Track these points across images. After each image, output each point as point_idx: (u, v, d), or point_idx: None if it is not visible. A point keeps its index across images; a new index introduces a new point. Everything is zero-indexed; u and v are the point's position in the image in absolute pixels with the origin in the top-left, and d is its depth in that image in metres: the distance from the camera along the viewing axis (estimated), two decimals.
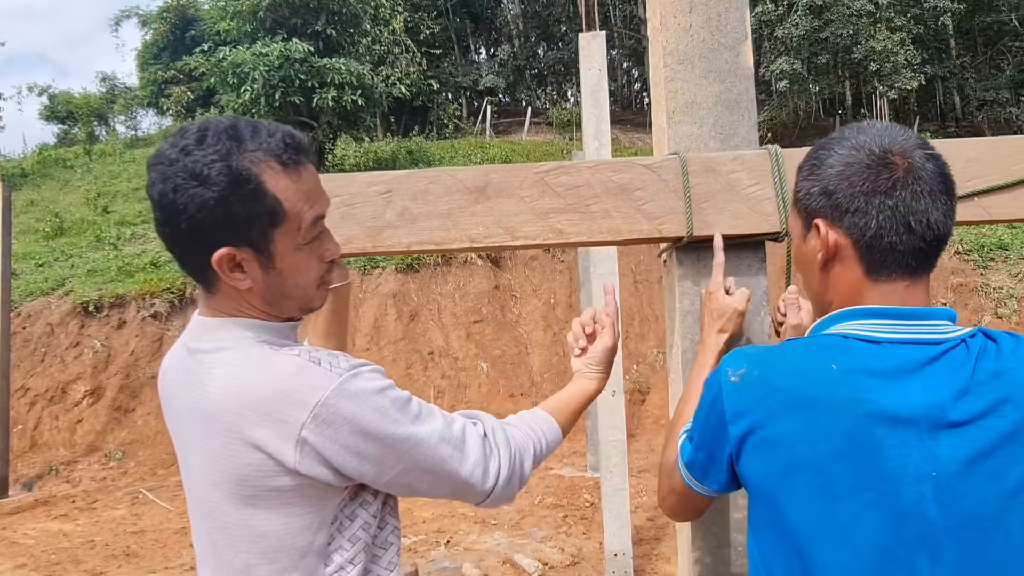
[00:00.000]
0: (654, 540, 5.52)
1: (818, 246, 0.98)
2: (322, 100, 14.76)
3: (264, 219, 0.96)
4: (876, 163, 0.93)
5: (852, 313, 0.96)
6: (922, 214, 0.91)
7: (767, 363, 0.95)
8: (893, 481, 0.86)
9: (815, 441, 0.88)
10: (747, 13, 1.42)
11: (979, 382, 0.88)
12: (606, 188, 1.35)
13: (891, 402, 0.87)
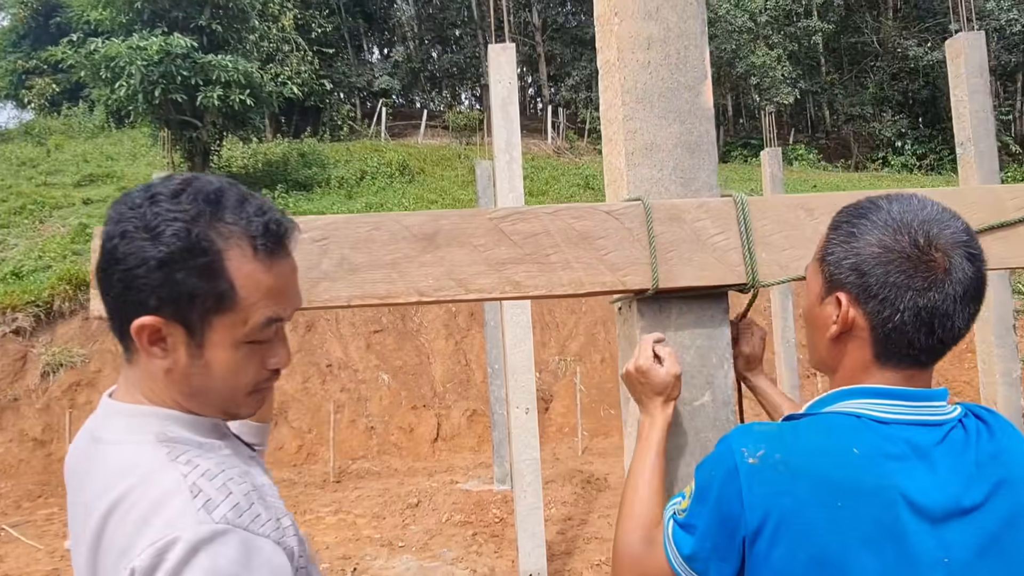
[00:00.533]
0: (565, 555, 5.50)
1: (834, 316, 0.95)
2: (207, 99, 13.97)
3: (208, 300, 0.83)
4: (917, 257, 0.89)
5: (857, 392, 0.93)
6: (947, 319, 0.89)
7: (786, 444, 0.89)
8: (916, 568, 0.84)
9: (842, 529, 0.84)
10: (707, 52, 1.36)
11: (981, 465, 0.90)
12: (566, 237, 1.25)
13: (911, 488, 0.86)
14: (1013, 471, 0.91)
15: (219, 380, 0.87)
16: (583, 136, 25.68)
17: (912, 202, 0.94)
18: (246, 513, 0.79)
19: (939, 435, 0.90)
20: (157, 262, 0.80)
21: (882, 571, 0.84)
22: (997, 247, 1.32)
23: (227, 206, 0.85)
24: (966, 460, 0.89)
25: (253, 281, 0.84)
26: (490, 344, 7.94)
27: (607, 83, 1.42)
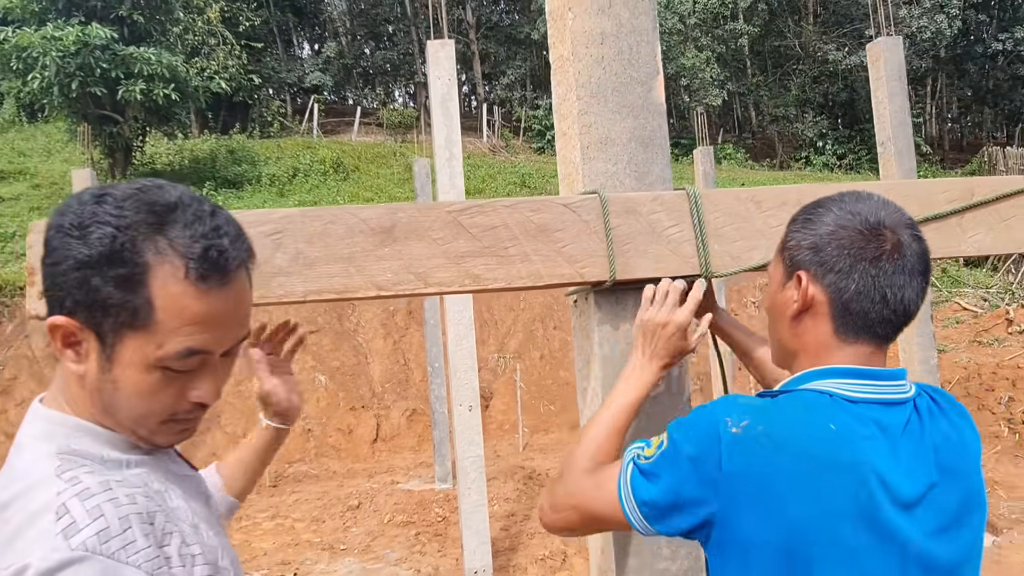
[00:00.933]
0: (510, 551, 5.52)
1: (795, 296, 1.01)
2: (129, 92, 13.40)
3: (122, 314, 0.78)
4: (868, 232, 0.97)
5: (826, 372, 0.98)
6: (898, 289, 0.97)
7: (769, 418, 0.93)
8: (888, 542, 0.90)
9: (820, 501, 0.89)
10: (658, 48, 1.39)
11: (938, 448, 0.97)
12: (524, 229, 1.26)
13: (882, 466, 0.91)
14: (964, 453, 0.99)
15: (127, 400, 0.82)
16: (519, 135, 25.79)
17: (862, 195, 1.03)
18: (115, 539, 0.74)
19: (902, 415, 0.96)
20: (76, 262, 0.77)
21: (856, 544, 0.88)
22: (930, 237, 1.38)
23: (175, 221, 0.79)
24: (925, 444, 0.96)
25: (177, 305, 0.78)
26: (430, 342, 7.88)
27: (560, 78, 1.44)
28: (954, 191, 1.40)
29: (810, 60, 25.48)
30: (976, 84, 26.22)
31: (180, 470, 0.94)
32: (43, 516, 0.73)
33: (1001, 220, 1.41)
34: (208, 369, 0.84)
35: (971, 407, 7.39)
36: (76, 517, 0.73)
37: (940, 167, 22.29)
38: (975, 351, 8.86)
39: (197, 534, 0.85)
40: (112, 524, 0.74)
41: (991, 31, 24.24)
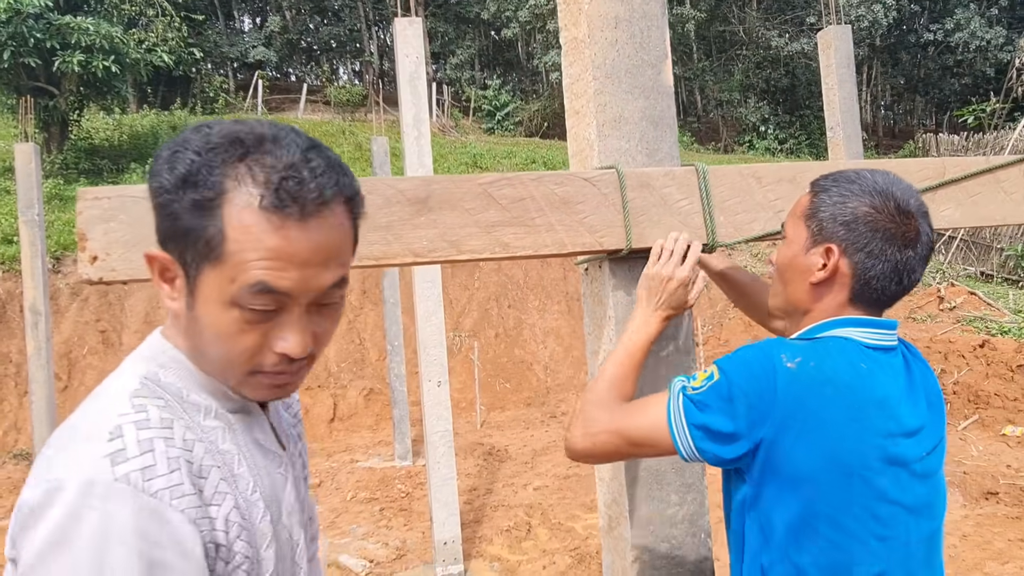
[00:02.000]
0: (475, 523, 5.64)
1: (819, 264, 1.12)
2: (65, 64, 12.84)
3: (199, 243, 0.74)
4: (901, 221, 1.09)
5: (843, 322, 1.12)
6: (913, 273, 1.11)
7: (818, 355, 1.06)
8: (906, 466, 1.07)
9: (859, 431, 1.03)
10: (667, 33, 1.48)
11: (926, 387, 1.16)
12: (549, 201, 1.34)
13: (898, 403, 1.08)
14: (935, 389, 1.18)
15: (210, 342, 0.78)
16: (468, 115, 25.67)
17: (892, 178, 1.13)
18: (160, 478, 0.70)
19: (899, 359, 1.13)
20: (162, 188, 0.75)
21: (884, 464, 1.04)
22: None
23: (262, 150, 0.74)
24: (917, 383, 1.13)
25: (250, 236, 0.72)
26: (389, 321, 7.90)
27: (574, 58, 1.52)
28: (928, 169, 1.55)
29: (754, 46, 26.04)
30: (909, 73, 27.27)
31: (268, 443, 0.89)
32: (95, 435, 0.71)
33: (968, 196, 1.56)
34: (292, 316, 0.77)
35: None
36: (127, 444, 0.70)
37: (875, 152, 23.16)
38: (910, 327, 9.36)
39: (251, 509, 0.80)
40: (159, 462, 0.71)
41: (923, 22, 25.23)
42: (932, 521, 1.11)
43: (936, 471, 1.12)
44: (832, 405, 1.03)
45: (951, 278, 11.37)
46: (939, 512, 1.13)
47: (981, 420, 6.69)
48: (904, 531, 1.06)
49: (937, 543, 1.12)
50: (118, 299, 9.98)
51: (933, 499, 1.11)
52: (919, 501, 1.08)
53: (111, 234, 1.16)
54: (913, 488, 1.07)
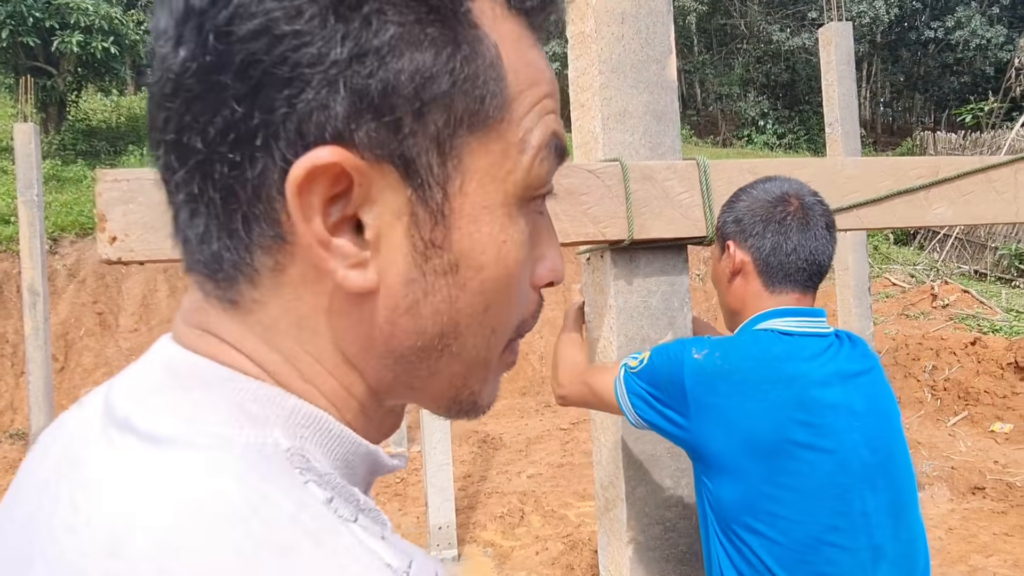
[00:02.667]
0: (469, 509, 5.70)
1: (728, 264, 1.27)
2: (64, 44, 12.78)
3: (456, 100, 0.36)
4: (775, 200, 1.23)
5: (767, 315, 1.23)
6: (806, 241, 1.21)
7: (725, 349, 1.17)
8: (837, 434, 1.11)
9: (770, 409, 1.10)
10: (672, 29, 1.52)
11: (859, 356, 1.23)
12: (555, 192, 1.38)
13: (816, 374, 1.15)
14: (875, 363, 1.25)
15: (483, 306, 0.40)
16: None
17: (772, 178, 1.29)
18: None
19: (827, 343, 1.20)
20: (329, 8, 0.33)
21: (812, 437, 1.10)
22: (902, 209, 1.58)
23: None
24: (844, 353, 1.21)
25: (523, 60, 0.40)
26: None
27: (580, 52, 1.55)
28: (922, 168, 1.59)
29: (755, 40, 26.01)
30: (909, 70, 27.27)
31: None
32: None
33: (961, 195, 1.60)
34: (546, 214, 0.47)
35: (898, 375, 7.90)
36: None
37: (873, 149, 23.20)
38: (903, 323, 9.43)
39: None
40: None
41: (924, 19, 25.21)
42: (892, 492, 1.14)
43: (887, 444, 1.16)
44: (739, 392, 1.11)
45: (945, 276, 11.45)
46: (900, 482, 1.16)
47: (970, 416, 6.77)
48: (859, 500, 1.10)
49: (906, 513, 1.16)
50: (115, 281, 9.99)
51: (887, 467, 1.15)
52: (867, 469, 1.12)
53: (130, 215, 1.19)
54: (863, 452, 1.12)
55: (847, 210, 1.54)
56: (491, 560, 4.80)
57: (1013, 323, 8.58)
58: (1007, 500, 5.22)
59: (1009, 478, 5.40)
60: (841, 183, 1.55)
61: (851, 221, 1.55)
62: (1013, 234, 11.73)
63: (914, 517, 1.17)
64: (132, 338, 9.49)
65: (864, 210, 1.55)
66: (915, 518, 1.18)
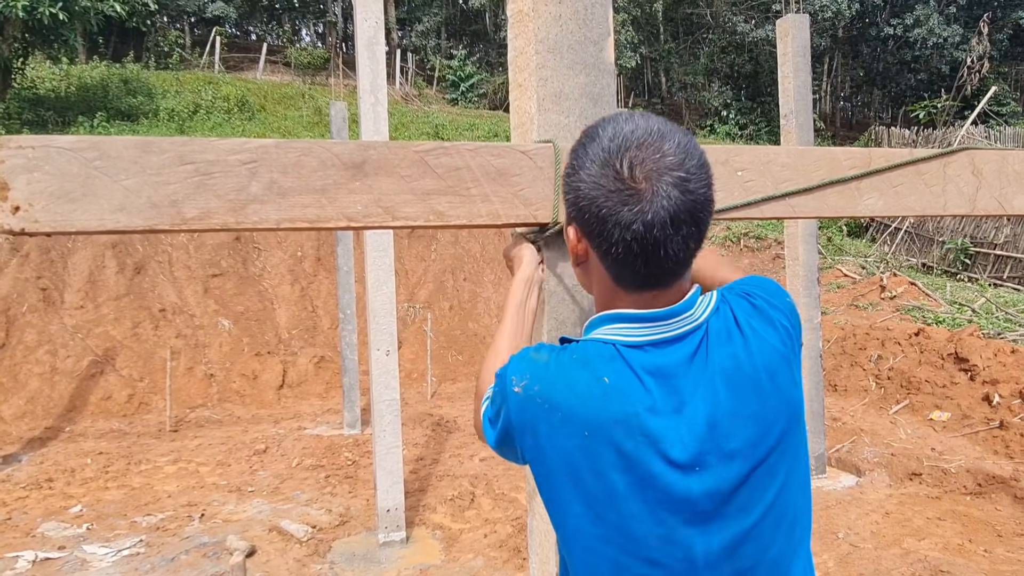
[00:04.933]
0: (419, 492, 5.70)
1: (571, 247, 1.04)
2: (8, 8, 12.27)
3: None
4: (620, 190, 0.92)
5: (611, 318, 1.01)
6: (659, 245, 0.93)
7: (545, 378, 0.97)
8: (666, 486, 0.93)
9: (592, 456, 0.94)
10: (610, 11, 1.50)
11: (726, 373, 0.97)
12: (486, 172, 1.36)
13: (651, 415, 0.94)
14: (758, 370, 0.98)
15: None
16: (432, 84, 25.35)
17: (624, 127, 0.96)
18: None
19: (687, 349, 0.97)
20: None
21: (634, 486, 0.93)
22: (834, 199, 1.59)
23: None
24: (710, 373, 0.96)
25: None
26: (342, 289, 7.85)
27: (518, 31, 1.52)
28: (855, 159, 1.61)
29: (719, 30, 26.19)
30: (868, 66, 27.77)
31: None
32: None
33: (892, 187, 1.62)
34: None
35: (845, 364, 8.10)
36: None
37: (831, 143, 23.62)
38: (852, 314, 9.66)
39: None
40: None
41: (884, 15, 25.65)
42: (730, 530, 0.95)
43: (751, 466, 0.96)
44: (561, 433, 0.95)
45: (894, 268, 11.74)
46: (750, 514, 0.96)
47: (911, 405, 6.97)
48: (680, 549, 0.94)
49: (752, 545, 0.96)
50: (60, 256, 9.69)
51: (727, 507, 0.95)
52: (698, 516, 0.94)
53: (35, 184, 1.14)
54: (695, 501, 0.94)
55: (780, 198, 1.54)
56: (439, 543, 4.81)
57: (955, 315, 8.85)
58: (941, 486, 5.41)
59: (944, 465, 5.59)
60: (776, 171, 1.55)
61: (784, 210, 1.55)
62: (960, 228, 12.07)
63: (767, 543, 0.98)
64: (78, 315, 9.24)
65: (797, 199, 1.56)
66: (769, 543, 0.98)
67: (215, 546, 4.67)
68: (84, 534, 4.99)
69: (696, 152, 0.96)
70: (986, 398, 6.37)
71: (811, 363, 5.77)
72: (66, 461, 6.68)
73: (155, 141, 1.21)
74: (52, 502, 5.67)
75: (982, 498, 5.15)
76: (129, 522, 5.21)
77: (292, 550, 4.66)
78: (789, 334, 1.04)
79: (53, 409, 8.29)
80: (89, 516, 5.33)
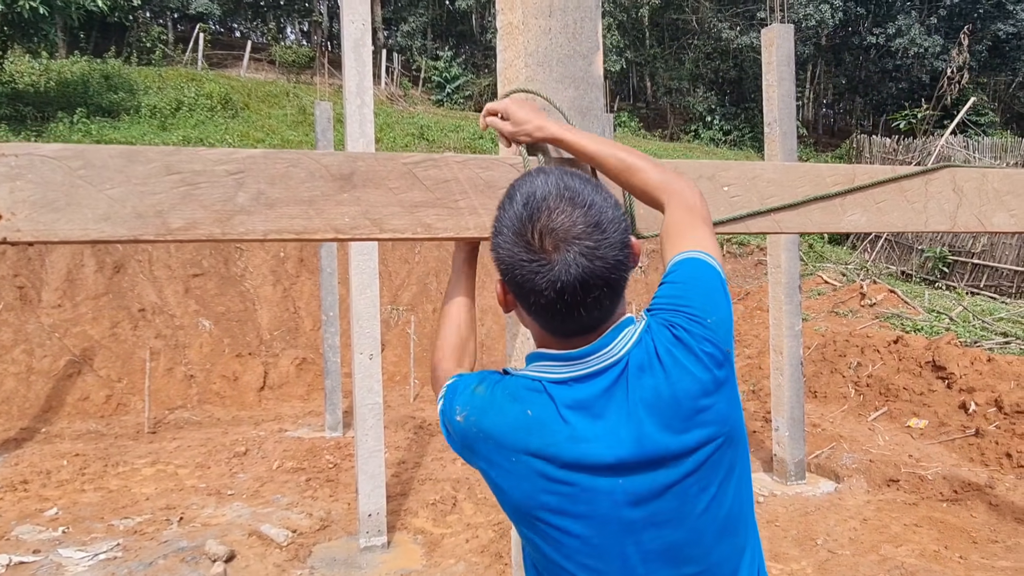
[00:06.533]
0: (401, 496, 5.68)
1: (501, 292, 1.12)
2: None
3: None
4: (532, 260, 0.99)
5: (540, 356, 1.08)
6: (572, 308, 1.00)
7: (482, 410, 1.07)
8: (590, 499, 1.01)
9: (520, 482, 1.04)
10: (599, 25, 1.51)
11: (647, 403, 1.01)
12: (474, 184, 1.36)
13: (572, 439, 1.01)
14: (680, 399, 1.01)
15: None
16: (417, 85, 25.29)
17: (538, 191, 1.03)
18: None
19: (604, 383, 1.02)
20: None
21: (563, 504, 1.01)
22: (818, 215, 1.61)
23: None
24: (632, 404, 1.01)
25: None
26: (325, 291, 7.81)
27: (508, 43, 1.53)
28: (839, 175, 1.62)
29: (705, 36, 26.37)
30: (851, 74, 28.08)
31: None
32: None
33: (875, 203, 1.64)
34: None
35: (825, 371, 8.18)
36: None
37: (814, 150, 23.85)
38: (832, 320, 9.75)
39: None
40: None
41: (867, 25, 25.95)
42: (666, 538, 1.01)
43: (661, 489, 1.01)
44: (494, 457, 1.05)
45: (874, 275, 11.87)
46: (684, 523, 1.02)
47: (890, 412, 7.05)
48: (617, 559, 1.01)
49: (694, 550, 1.03)
50: (38, 254, 9.55)
51: (659, 516, 1.01)
52: (628, 525, 1.01)
53: (17, 193, 1.13)
54: (621, 505, 1.01)
55: (765, 214, 1.56)
56: (421, 547, 4.79)
57: (933, 323, 8.96)
58: (919, 492, 5.47)
59: (921, 471, 5.66)
60: (762, 187, 1.57)
61: (769, 225, 1.57)
62: (938, 237, 12.23)
63: (709, 547, 1.04)
64: (55, 314, 9.12)
65: (782, 214, 1.57)
66: (711, 547, 1.04)
67: (194, 550, 4.62)
68: (60, 537, 4.92)
69: (607, 214, 1.01)
70: (962, 406, 6.46)
71: (791, 370, 5.82)
72: (42, 463, 6.58)
73: (141, 150, 1.20)
74: (27, 504, 5.59)
75: (958, 505, 5.22)
76: (106, 525, 5.14)
77: (272, 555, 4.62)
78: (715, 359, 1.05)
79: (29, 410, 8.17)
80: (65, 519, 5.26)
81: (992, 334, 8.32)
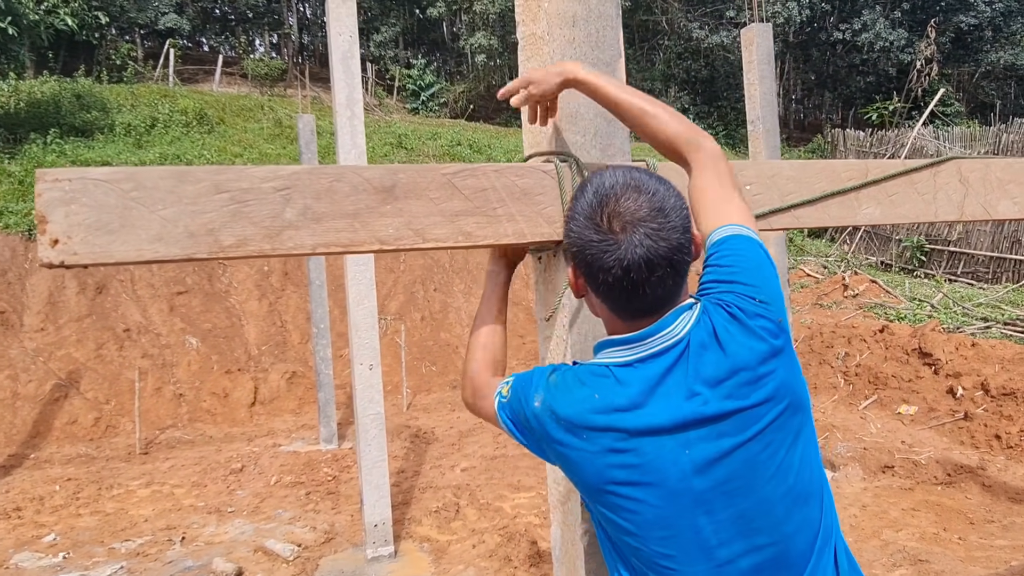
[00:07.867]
0: (404, 505, 5.67)
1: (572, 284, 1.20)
2: None
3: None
4: (600, 241, 1.09)
5: (607, 343, 1.17)
6: (637, 286, 1.08)
7: (555, 395, 1.15)
8: (659, 469, 1.07)
9: (591, 457, 1.11)
10: (620, 33, 1.55)
11: (707, 379, 1.07)
12: (510, 192, 1.39)
13: (640, 415, 1.08)
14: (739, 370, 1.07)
15: None
16: (392, 93, 25.26)
17: (606, 182, 1.12)
18: None
19: (667, 362, 1.09)
20: None
21: (634, 477, 1.07)
22: (835, 209, 1.67)
23: None
24: (690, 379, 1.08)
25: None
26: (315, 303, 7.78)
27: (531, 53, 1.56)
28: (853, 171, 1.68)
29: (675, 37, 26.64)
30: (819, 69, 28.50)
31: None
32: None
33: (887, 196, 1.70)
34: None
35: (813, 362, 8.30)
36: None
37: (786, 145, 24.16)
38: (817, 313, 9.90)
39: None
40: None
41: (833, 20, 26.38)
42: (736, 507, 1.06)
43: (729, 460, 1.06)
44: (565, 439, 1.12)
45: (855, 267, 12.06)
46: (752, 492, 1.06)
47: (879, 400, 7.18)
48: (689, 528, 1.06)
49: (764, 520, 1.07)
50: (18, 278, 9.42)
51: (727, 486, 1.06)
52: (698, 495, 1.06)
53: (72, 217, 1.14)
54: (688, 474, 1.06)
55: (785, 210, 1.61)
56: (428, 555, 4.80)
57: (916, 311, 9.13)
58: (913, 477, 5.58)
59: (915, 457, 5.77)
60: (781, 184, 1.62)
61: (788, 220, 1.62)
62: (915, 227, 12.47)
63: (781, 518, 1.07)
64: (38, 338, 8.98)
65: (801, 210, 1.63)
66: (783, 518, 1.07)
67: (201, 569, 4.58)
68: (61, 563, 4.86)
69: (670, 202, 1.11)
70: (950, 391, 6.59)
71: None
72: (33, 488, 6.48)
73: (190, 171, 1.22)
74: (23, 532, 5.50)
75: (952, 487, 5.34)
76: (107, 548, 5.08)
77: (279, 570, 4.60)
78: (769, 331, 1.10)
79: (16, 436, 8.04)
80: (64, 544, 5.19)
81: (973, 319, 8.50)
